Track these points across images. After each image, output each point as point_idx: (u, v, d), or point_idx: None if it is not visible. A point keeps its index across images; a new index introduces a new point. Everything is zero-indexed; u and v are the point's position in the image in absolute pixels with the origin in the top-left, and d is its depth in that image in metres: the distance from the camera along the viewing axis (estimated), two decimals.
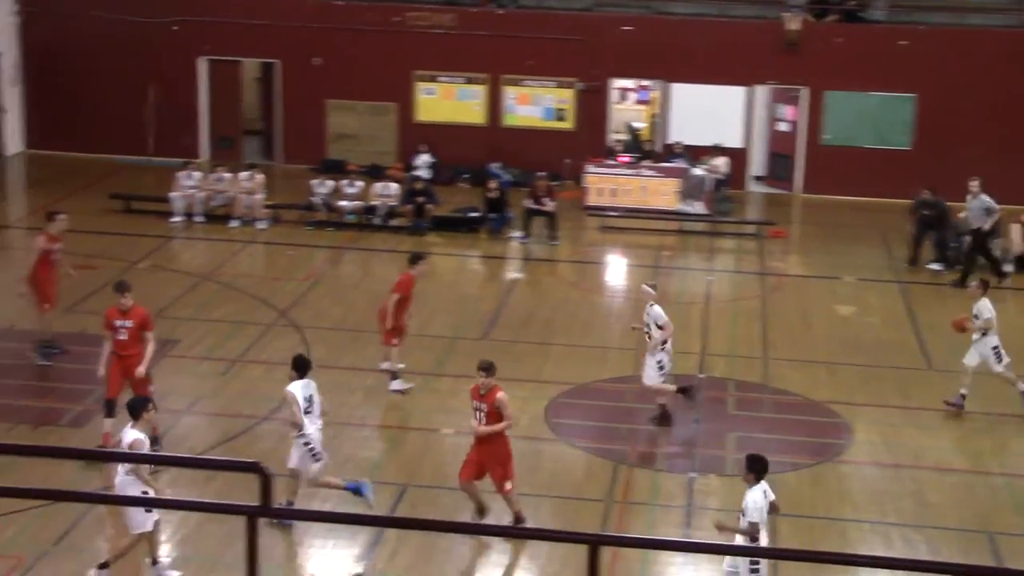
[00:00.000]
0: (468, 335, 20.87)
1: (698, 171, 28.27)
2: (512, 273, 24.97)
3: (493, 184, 26.81)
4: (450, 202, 27.48)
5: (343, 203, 26.68)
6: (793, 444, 17.72)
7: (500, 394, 14.71)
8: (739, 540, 12.41)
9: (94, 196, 27.68)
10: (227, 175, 26.86)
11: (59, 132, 31.43)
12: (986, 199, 23.91)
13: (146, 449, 13.60)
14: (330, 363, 18.79)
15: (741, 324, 21.94)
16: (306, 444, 14.66)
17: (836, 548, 14.70)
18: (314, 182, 27.03)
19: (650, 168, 28.41)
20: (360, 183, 27.20)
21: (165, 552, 14.32)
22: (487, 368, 14.78)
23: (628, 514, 15.67)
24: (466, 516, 14.94)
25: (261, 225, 26.37)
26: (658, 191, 28.06)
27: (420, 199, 26.49)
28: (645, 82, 31.55)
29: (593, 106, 30.53)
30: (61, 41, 31.13)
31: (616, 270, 26.12)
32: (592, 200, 28.16)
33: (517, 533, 5.09)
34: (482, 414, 14.77)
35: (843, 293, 23.72)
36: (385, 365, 18.67)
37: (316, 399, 14.86)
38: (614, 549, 14.02)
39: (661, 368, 17.55)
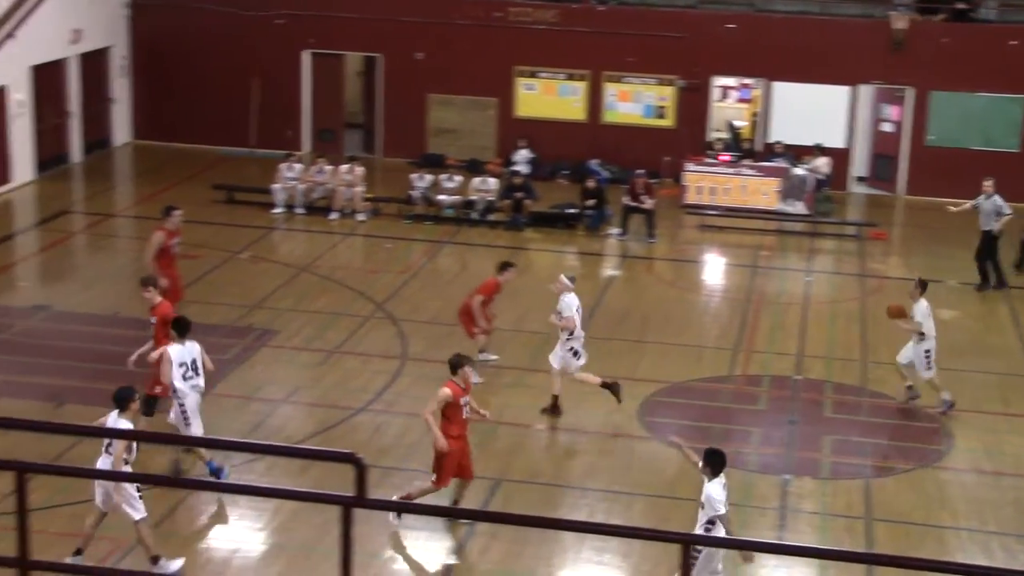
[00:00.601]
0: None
1: (799, 171, 27.99)
2: (609, 270, 24.92)
3: (592, 181, 26.78)
4: (548, 198, 27.49)
5: (442, 197, 26.81)
6: (891, 449, 17.49)
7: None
8: (699, 528, 12.57)
9: (198, 187, 28.10)
10: (328, 168, 27.12)
11: (165, 123, 31.95)
12: (998, 200, 23.49)
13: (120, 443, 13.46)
14: (427, 356, 18.89)
15: (839, 326, 21.68)
16: (181, 406, 14.80)
17: (933, 555, 14.48)
18: (414, 176, 27.20)
19: (750, 167, 28.20)
20: (459, 177, 27.31)
21: (260, 540, 14.51)
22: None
23: None
24: (559, 512, 14.94)
25: (360, 218, 26.59)
26: (758, 190, 27.84)
27: (518, 194, 26.54)
28: (747, 80, 31.32)
29: (694, 104, 30.36)
30: (169, 34, 31.65)
31: (714, 269, 25.96)
32: (691, 198, 28.01)
33: (612, 531, 5.04)
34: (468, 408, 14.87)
35: (945, 297, 23.33)
36: (482, 356, 18.79)
37: (199, 362, 15.05)
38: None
39: (576, 355, 17.52)
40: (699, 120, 30.43)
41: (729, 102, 31.80)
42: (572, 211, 26.71)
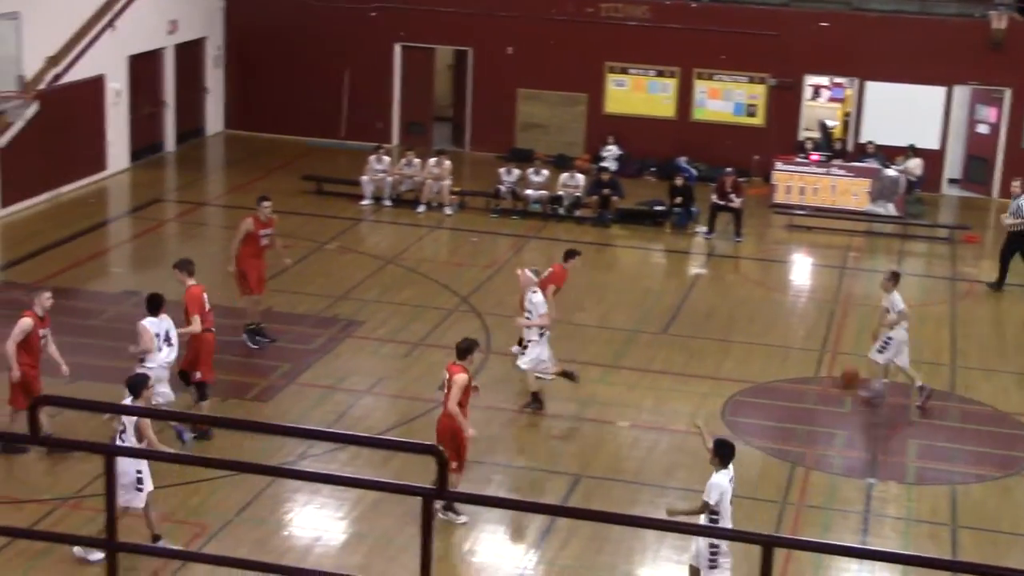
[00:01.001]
0: (648, 329, 20.80)
1: (891, 172, 27.64)
2: (695, 268, 24.78)
3: (679, 178, 26.66)
4: (635, 195, 27.40)
5: (529, 192, 26.82)
6: (980, 455, 17.22)
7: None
8: (702, 519, 12.66)
9: (287, 177, 28.37)
10: (416, 161, 27.25)
11: (257, 113, 32.30)
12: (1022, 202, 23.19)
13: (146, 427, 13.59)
14: (510, 351, 18.89)
15: (929, 330, 21.37)
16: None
17: (1020, 565, 14.23)
18: (501, 170, 27.23)
19: (841, 167, 27.90)
20: (546, 172, 27.31)
21: (341, 528, 14.63)
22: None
23: (803, 517, 15.43)
24: (638, 509, 14.90)
25: (447, 211, 26.69)
26: (848, 191, 27.54)
27: (606, 191, 26.49)
28: (839, 79, 30.99)
29: (785, 102, 30.09)
30: (263, 25, 31.98)
31: (801, 269, 25.71)
32: (779, 198, 27.77)
33: (693, 530, 5.01)
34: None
35: None
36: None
37: (172, 334, 15.66)
38: (787, 551, 13.83)
39: (543, 361, 17.50)
40: (790, 119, 30.16)
41: (821, 101, 31.50)
42: (659, 208, 26.61)
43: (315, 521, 14.82)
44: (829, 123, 30.69)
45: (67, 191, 26.52)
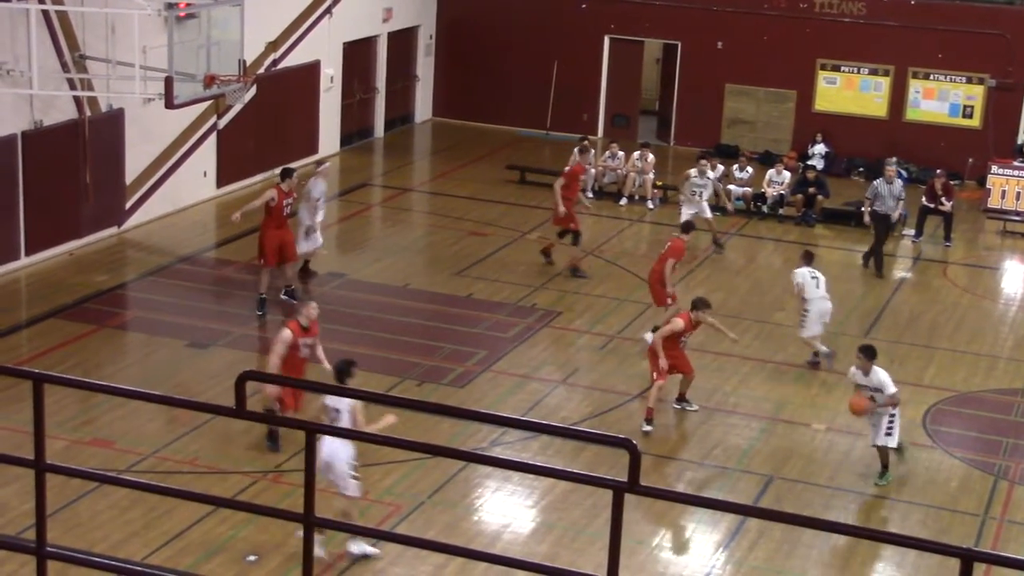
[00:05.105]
0: (849, 332, 20.39)
1: None
2: (900, 272, 24.19)
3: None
4: (842, 195, 26.87)
5: (732, 188, 26.55)
6: None
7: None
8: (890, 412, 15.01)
9: (492, 166, 28.66)
10: (620, 153, 27.22)
11: (465, 102, 32.70)
12: None
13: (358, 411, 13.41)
14: (705, 348, 18.78)
15: None
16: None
17: None
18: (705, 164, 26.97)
19: None
20: (751, 169, 26.99)
21: (530, 517, 14.75)
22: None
23: (1006, 532, 14.95)
24: (831, 514, 14.64)
25: (649, 205, 26.60)
26: None
27: (811, 190, 26.04)
28: None
29: (1005, 104, 29.12)
30: (474, 15, 32.36)
31: (1013, 277, 24.86)
32: (993, 202, 26.91)
33: (889, 539, 4.88)
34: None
35: None
36: (648, 336, 18.62)
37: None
38: (987, 567, 13.43)
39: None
40: (1009, 121, 29.17)
41: None
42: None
43: (504, 508, 14.96)
44: None
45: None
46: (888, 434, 15.53)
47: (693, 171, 24.13)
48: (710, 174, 24.29)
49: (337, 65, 29.05)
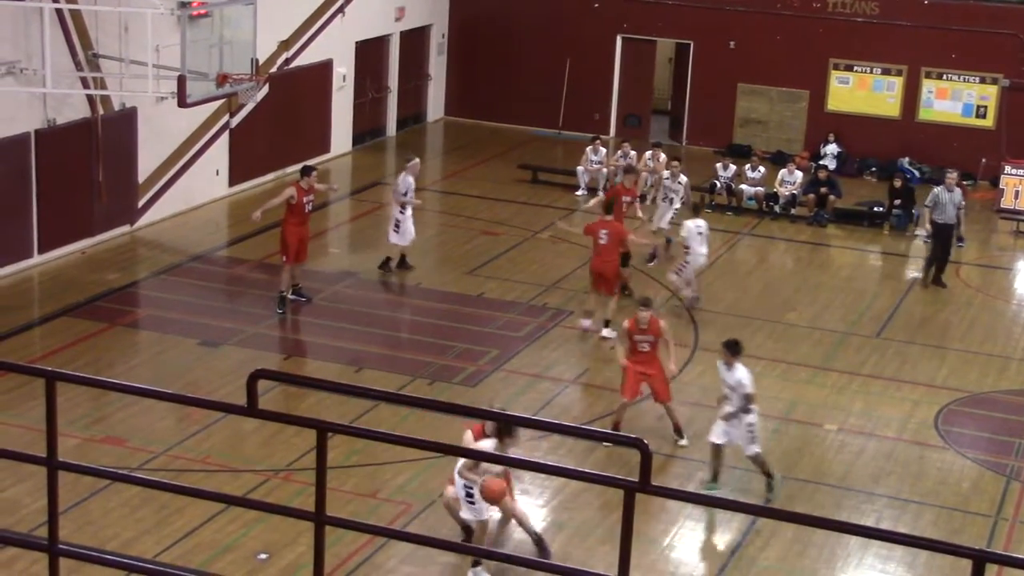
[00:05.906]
0: (860, 332, 20.36)
1: None
2: (912, 272, 24.13)
3: (899, 179, 25.98)
4: (854, 194, 26.83)
5: (744, 187, 26.52)
6: None
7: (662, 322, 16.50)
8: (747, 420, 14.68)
9: (504, 165, 28.66)
10: (632, 153, 27.21)
11: (476, 101, 32.71)
12: None
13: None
14: (716, 347, 18.72)
15: None
16: None
17: None
18: (717, 165, 26.99)
19: None
20: (763, 169, 26.96)
21: (540, 516, 14.74)
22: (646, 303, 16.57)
23: (1018, 533, 14.90)
24: (843, 515, 14.61)
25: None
26: None
27: (823, 189, 26.00)
28: None
29: (1018, 104, 29.04)
30: (487, 14, 32.36)
31: None
32: (1007, 202, 26.84)
33: (900, 540, 4.86)
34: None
35: None
36: (607, 331, 18.95)
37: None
38: (999, 568, 13.39)
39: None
40: (1023, 122, 29.09)
41: None
42: (878, 210, 25.99)
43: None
44: None
45: (291, 172, 27.28)
46: (752, 442, 15.10)
47: (666, 173, 23.86)
48: (682, 178, 23.65)
49: (349, 64, 29.06)
